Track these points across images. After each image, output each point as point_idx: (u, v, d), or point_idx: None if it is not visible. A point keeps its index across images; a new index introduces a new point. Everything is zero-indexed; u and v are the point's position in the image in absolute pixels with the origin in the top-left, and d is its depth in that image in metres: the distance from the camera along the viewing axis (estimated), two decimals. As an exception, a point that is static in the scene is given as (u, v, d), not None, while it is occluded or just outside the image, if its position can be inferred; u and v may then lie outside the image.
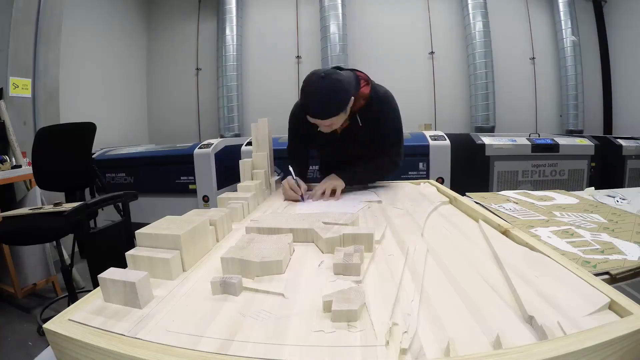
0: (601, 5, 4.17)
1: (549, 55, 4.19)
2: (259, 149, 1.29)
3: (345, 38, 3.89)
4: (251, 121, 1.52)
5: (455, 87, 4.17)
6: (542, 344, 0.34)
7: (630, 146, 2.99)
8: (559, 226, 0.87)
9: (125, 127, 4.12)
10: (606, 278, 0.61)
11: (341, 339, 0.37)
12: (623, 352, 0.35)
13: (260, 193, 1.12)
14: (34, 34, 2.48)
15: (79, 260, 2.55)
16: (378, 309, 0.43)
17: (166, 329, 0.40)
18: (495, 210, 1.03)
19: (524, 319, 0.41)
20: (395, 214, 0.92)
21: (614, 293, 0.43)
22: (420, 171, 2.63)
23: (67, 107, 2.91)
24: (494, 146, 2.77)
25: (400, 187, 1.32)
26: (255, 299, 0.47)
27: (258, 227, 0.70)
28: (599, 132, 4.12)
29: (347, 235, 0.62)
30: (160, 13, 4.52)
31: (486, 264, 0.58)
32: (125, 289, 0.45)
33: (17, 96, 2.39)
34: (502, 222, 0.77)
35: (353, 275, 0.52)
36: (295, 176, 1.18)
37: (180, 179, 2.89)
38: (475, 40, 3.89)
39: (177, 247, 0.56)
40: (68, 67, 3.11)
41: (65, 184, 1.93)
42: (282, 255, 0.55)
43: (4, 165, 1.97)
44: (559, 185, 2.81)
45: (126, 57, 4.18)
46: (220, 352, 0.35)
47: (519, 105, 4.17)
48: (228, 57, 4.04)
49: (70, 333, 0.39)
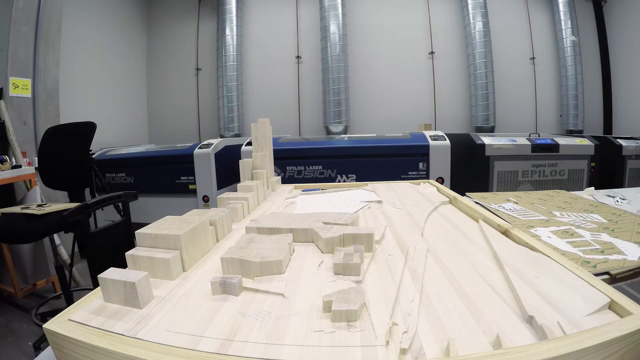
0: (601, 5, 4.17)
1: (549, 55, 4.19)
2: (259, 149, 1.29)
3: (345, 38, 3.89)
4: (251, 121, 1.52)
5: (455, 87, 4.17)
6: (542, 344, 0.34)
7: (630, 146, 2.99)
8: (559, 226, 0.87)
9: (125, 127, 4.13)
10: (606, 278, 0.61)
11: (341, 339, 0.37)
12: (623, 352, 0.35)
13: (261, 193, 1.12)
14: (34, 34, 2.48)
15: (79, 260, 2.56)
16: (378, 309, 0.43)
17: (166, 329, 0.40)
18: (495, 210, 1.03)
19: (524, 319, 0.41)
20: (395, 214, 0.92)
21: (614, 293, 0.43)
22: (420, 171, 2.63)
23: (67, 107, 2.92)
24: (494, 146, 2.77)
25: (400, 187, 1.32)
26: (255, 299, 0.47)
27: (258, 227, 0.70)
28: (599, 132, 4.12)
29: (347, 235, 0.62)
30: (160, 13, 4.52)
31: (486, 264, 0.58)
32: (125, 289, 0.45)
33: (17, 96, 2.40)
34: (502, 222, 0.77)
35: (353, 275, 0.52)
36: None
37: (180, 179, 2.89)
38: (475, 40, 3.89)
39: (177, 247, 0.56)
40: (68, 67, 3.11)
41: (70, 183, 1.94)
42: (282, 255, 0.55)
43: (4, 165, 1.97)
44: (559, 185, 2.81)
45: (126, 57, 4.19)
46: (220, 352, 0.35)
47: (519, 105, 4.18)
48: (228, 57, 4.04)
49: (70, 333, 0.39)
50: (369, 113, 4.18)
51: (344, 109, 3.88)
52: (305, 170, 2.66)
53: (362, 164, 2.67)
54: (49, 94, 2.62)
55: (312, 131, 4.18)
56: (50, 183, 1.96)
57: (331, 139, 3.07)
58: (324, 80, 3.94)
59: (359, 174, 2.66)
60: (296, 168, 2.65)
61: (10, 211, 1.62)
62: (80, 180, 1.94)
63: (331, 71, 3.85)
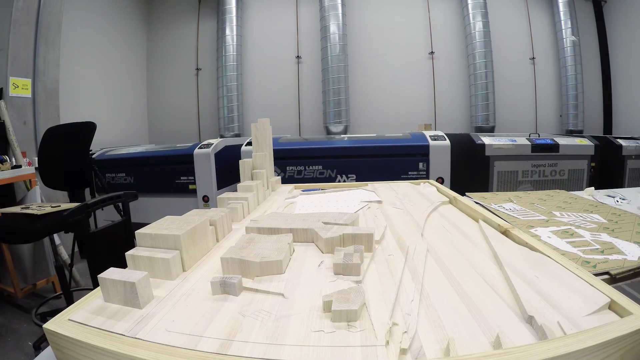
0: (601, 5, 4.17)
1: (549, 55, 4.19)
2: (259, 149, 1.29)
3: (345, 38, 3.89)
4: (251, 121, 1.52)
5: (455, 87, 4.17)
6: (542, 344, 0.34)
7: (630, 146, 2.99)
8: (559, 226, 0.87)
9: (125, 127, 4.13)
10: (606, 278, 0.61)
11: (341, 339, 0.37)
12: (623, 352, 0.35)
13: (261, 193, 1.12)
14: (34, 34, 2.48)
15: (79, 260, 2.56)
16: (378, 309, 0.43)
17: (166, 329, 0.40)
18: (495, 210, 1.03)
19: (524, 319, 0.41)
20: (395, 214, 0.92)
21: (614, 293, 0.43)
22: (420, 171, 2.63)
23: (67, 107, 2.92)
24: (494, 146, 2.77)
25: (400, 187, 1.32)
26: (255, 299, 0.47)
27: (258, 227, 0.70)
28: (599, 132, 4.12)
29: (347, 235, 0.62)
30: (160, 13, 4.52)
31: (486, 264, 0.58)
32: (125, 289, 0.45)
33: (17, 96, 2.40)
34: (502, 222, 0.77)
35: (353, 275, 0.52)
36: None
37: (180, 179, 2.89)
38: (475, 40, 3.89)
39: (177, 247, 0.56)
40: (68, 67, 3.11)
41: (70, 183, 1.95)
42: (282, 255, 0.55)
43: (4, 165, 1.97)
44: (559, 185, 2.81)
45: (126, 57, 4.19)
46: (220, 352, 0.35)
47: (519, 105, 4.18)
48: (228, 57, 4.04)
49: (70, 333, 0.39)
50: (369, 113, 4.18)
51: (343, 109, 3.88)
52: (305, 170, 2.66)
53: (362, 164, 2.67)
54: (49, 94, 2.62)
55: (312, 131, 4.18)
56: (50, 183, 1.96)
57: (331, 139, 3.07)
58: (324, 80, 3.94)
59: (359, 174, 2.66)
60: (296, 168, 2.66)
61: (10, 211, 1.62)
62: (80, 180, 1.94)
63: (331, 71, 3.85)
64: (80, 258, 2.61)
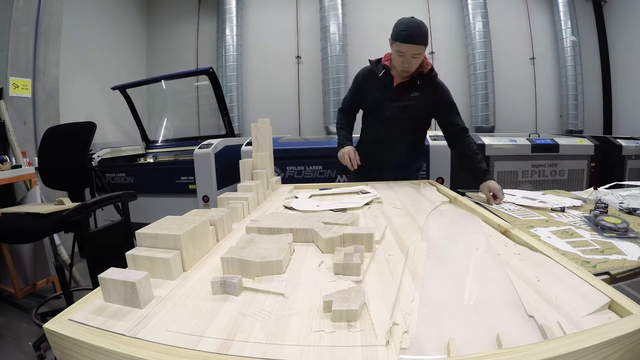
0: (601, 5, 4.17)
1: (549, 55, 4.19)
2: (259, 149, 1.29)
3: (345, 38, 3.89)
4: (251, 121, 1.52)
5: (455, 87, 4.16)
6: (542, 343, 0.34)
7: (630, 146, 2.99)
8: (559, 226, 0.87)
9: (125, 127, 4.12)
10: (606, 278, 0.61)
11: (341, 338, 0.37)
12: (623, 352, 0.35)
13: (261, 193, 1.12)
14: (34, 34, 2.48)
15: (79, 260, 2.55)
16: (378, 309, 0.43)
17: (166, 329, 0.40)
18: (495, 210, 1.03)
19: (524, 319, 0.41)
20: (395, 214, 0.92)
21: (614, 293, 0.43)
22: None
23: (67, 107, 2.91)
24: (494, 146, 2.77)
25: (400, 187, 1.32)
26: (255, 299, 0.47)
27: (258, 227, 0.70)
28: (599, 132, 4.12)
29: (347, 235, 0.62)
30: (160, 13, 4.52)
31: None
32: (125, 289, 0.45)
33: (17, 96, 2.39)
34: (502, 222, 0.77)
35: (353, 275, 0.52)
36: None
37: (180, 179, 2.89)
38: (475, 40, 3.89)
39: (177, 247, 0.56)
40: (68, 67, 3.11)
41: (70, 183, 1.95)
42: (282, 255, 0.55)
43: (4, 165, 1.97)
44: (559, 185, 2.81)
45: (126, 57, 4.19)
46: (220, 352, 0.36)
47: (519, 105, 4.18)
48: (228, 57, 4.04)
49: (71, 333, 0.39)
50: (369, 113, 4.17)
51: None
52: (305, 170, 2.66)
53: (362, 164, 2.66)
54: (49, 94, 2.61)
55: (312, 131, 4.18)
56: (50, 183, 1.96)
57: (331, 139, 3.07)
58: (324, 80, 3.94)
59: (359, 174, 2.66)
60: (296, 168, 2.65)
61: (11, 211, 1.62)
62: (80, 180, 1.94)
63: (331, 71, 3.85)
64: (80, 258, 2.61)
